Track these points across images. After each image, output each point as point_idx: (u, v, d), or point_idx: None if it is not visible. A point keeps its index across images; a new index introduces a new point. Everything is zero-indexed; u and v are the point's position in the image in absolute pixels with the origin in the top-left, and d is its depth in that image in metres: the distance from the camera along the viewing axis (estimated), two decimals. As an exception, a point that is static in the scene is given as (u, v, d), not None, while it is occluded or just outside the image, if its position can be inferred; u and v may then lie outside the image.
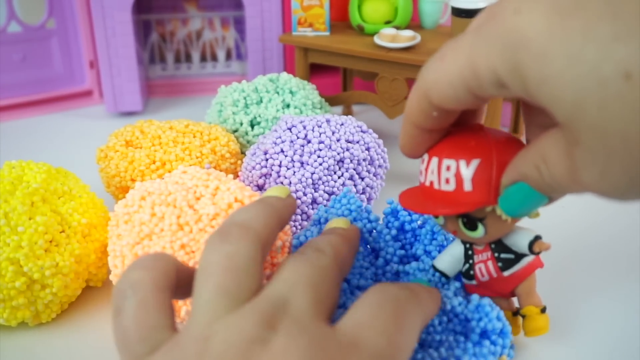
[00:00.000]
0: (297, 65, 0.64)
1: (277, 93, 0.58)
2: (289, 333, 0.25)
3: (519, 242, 0.34)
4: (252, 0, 0.72)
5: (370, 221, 0.40)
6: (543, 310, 0.36)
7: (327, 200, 0.48)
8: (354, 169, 0.49)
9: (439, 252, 0.39)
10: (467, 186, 0.31)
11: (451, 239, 0.40)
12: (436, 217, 0.35)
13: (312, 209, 0.48)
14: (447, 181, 0.32)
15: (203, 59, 0.82)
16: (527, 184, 0.28)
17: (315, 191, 0.47)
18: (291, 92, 0.58)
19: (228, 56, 0.82)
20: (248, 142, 0.56)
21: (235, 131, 0.57)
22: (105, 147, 0.51)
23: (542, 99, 0.24)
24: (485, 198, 0.31)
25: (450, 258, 0.37)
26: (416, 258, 0.40)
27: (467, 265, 0.36)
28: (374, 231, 0.40)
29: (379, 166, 0.51)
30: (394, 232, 0.41)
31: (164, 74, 0.82)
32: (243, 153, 0.56)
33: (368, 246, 0.40)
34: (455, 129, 0.33)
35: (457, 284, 0.37)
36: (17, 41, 0.73)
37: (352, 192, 0.48)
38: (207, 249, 0.28)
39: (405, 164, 0.62)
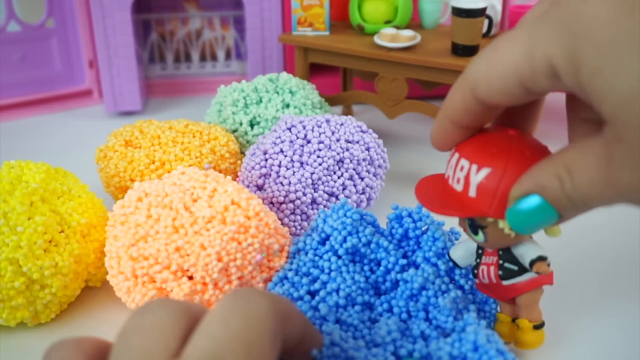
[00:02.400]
0: (297, 65, 0.64)
1: (277, 93, 0.58)
2: None
3: (525, 255, 0.33)
4: (251, 0, 0.72)
5: (366, 235, 0.40)
6: (539, 326, 0.36)
7: (327, 200, 0.48)
8: (354, 169, 0.49)
9: (439, 258, 0.39)
10: (472, 192, 0.31)
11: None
12: None
13: (312, 209, 0.47)
14: (458, 181, 0.32)
15: (203, 58, 0.82)
16: (542, 196, 0.27)
17: (314, 191, 0.47)
18: (291, 92, 0.58)
19: (228, 56, 0.82)
20: (247, 142, 0.56)
21: (235, 131, 0.57)
22: (105, 147, 0.51)
23: (593, 90, 0.23)
24: (486, 209, 0.30)
25: (463, 251, 0.37)
26: (417, 266, 0.40)
27: (474, 263, 0.36)
28: (371, 244, 0.40)
29: (379, 166, 0.51)
30: (395, 241, 0.41)
31: (163, 73, 0.82)
32: (243, 153, 0.56)
33: (364, 260, 0.40)
34: (493, 129, 0.32)
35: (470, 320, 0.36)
36: (16, 41, 0.73)
37: (350, 204, 0.48)
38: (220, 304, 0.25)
39: (405, 164, 0.62)
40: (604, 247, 0.48)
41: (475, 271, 0.36)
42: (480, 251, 0.36)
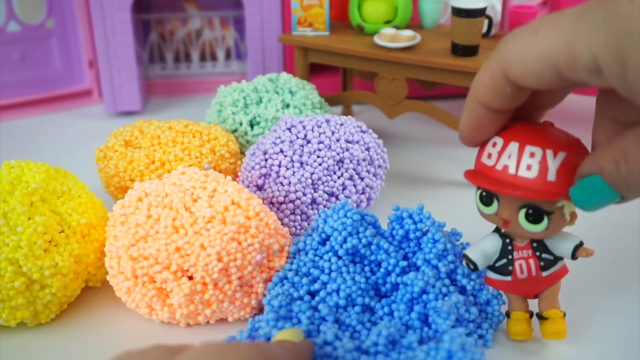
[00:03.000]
0: (296, 65, 0.64)
1: (277, 93, 0.58)
2: None
3: (563, 245, 0.35)
4: (251, 0, 0.72)
5: (366, 236, 0.40)
6: (564, 315, 0.37)
7: (327, 200, 0.48)
8: (354, 169, 0.49)
9: (440, 260, 0.39)
10: (551, 176, 0.31)
11: (456, 250, 0.40)
12: (487, 204, 0.35)
13: (312, 209, 0.48)
14: (529, 167, 0.32)
15: (202, 58, 0.82)
16: (602, 177, 0.29)
17: (314, 191, 0.47)
18: (291, 92, 0.58)
19: (227, 56, 0.82)
20: (247, 142, 0.56)
21: (235, 131, 0.57)
22: (105, 147, 0.51)
23: (638, 87, 0.24)
24: (567, 191, 0.31)
25: (482, 251, 0.37)
26: (417, 267, 0.40)
27: (504, 261, 0.36)
28: (372, 245, 0.40)
29: (379, 166, 0.51)
30: (395, 242, 0.41)
31: (163, 73, 0.82)
32: (242, 153, 0.56)
33: (364, 261, 0.40)
34: (527, 121, 0.33)
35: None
36: (16, 41, 0.73)
37: (350, 204, 0.48)
38: None
39: (405, 164, 0.62)
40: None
41: (510, 268, 0.36)
42: (510, 247, 0.36)
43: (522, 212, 0.34)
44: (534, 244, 0.35)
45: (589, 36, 0.25)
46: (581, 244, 0.35)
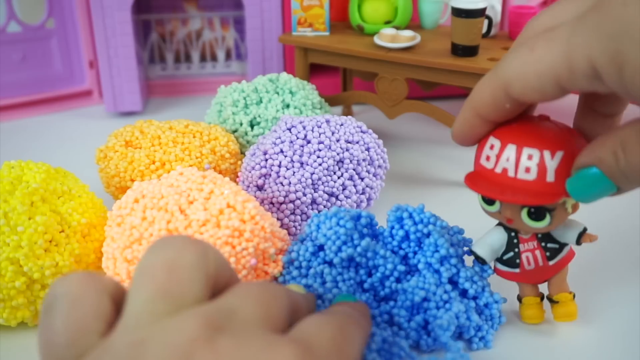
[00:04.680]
0: (296, 65, 0.64)
1: (277, 93, 0.58)
2: (236, 334, 0.24)
3: (568, 233, 0.36)
4: (252, 0, 0.72)
5: (361, 245, 0.39)
6: (573, 297, 0.38)
7: (327, 200, 0.48)
8: (354, 169, 0.49)
9: (442, 264, 0.39)
10: (550, 177, 0.32)
11: (458, 251, 0.40)
12: (489, 204, 0.36)
13: (312, 209, 0.48)
14: (528, 170, 0.32)
15: (203, 59, 0.82)
16: (600, 169, 0.29)
17: (314, 191, 0.47)
18: (291, 92, 0.58)
19: (228, 56, 0.82)
20: (248, 142, 0.56)
21: (235, 131, 0.57)
22: (105, 147, 0.51)
23: (636, 88, 0.24)
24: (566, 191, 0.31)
25: (489, 246, 0.37)
26: (417, 270, 0.40)
27: (511, 254, 0.37)
28: (368, 252, 0.40)
29: (379, 166, 0.51)
30: (395, 242, 0.41)
31: (163, 74, 0.82)
32: (243, 153, 0.56)
33: (360, 270, 0.40)
34: (522, 118, 0.34)
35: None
36: (16, 41, 0.73)
37: (349, 205, 0.48)
38: (148, 252, 0.26)
39: (405, 164, 0.62)
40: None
41: (517, 261, 0.37)
42: (515, 240, 0.37)
43: (525, 211, 0.34)
44: (539, 235, 0.36)
45: (584, 44, 0.25)
46: (585, 230, 0.35)
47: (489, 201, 0.36)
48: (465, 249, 0.41)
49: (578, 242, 0.36)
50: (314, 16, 0.62)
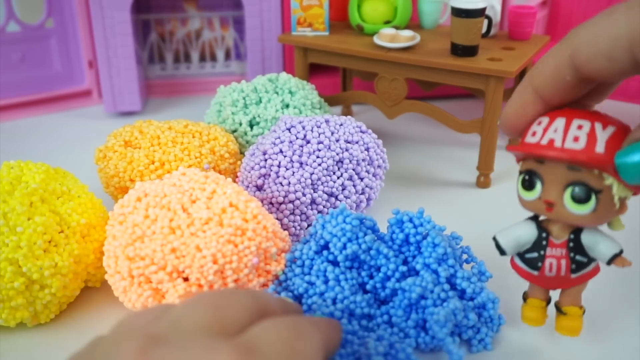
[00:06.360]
0: (296, 65, 0.64)
1: (277, 93, 0.58)
2: (174, 343, 0.25)
3: (602, 249, 0.33)
4: (251, 0, 0.72)
5: (366, 241, 0.39)
6: (583, 313, 0.35)
7: (327, 200, 0.48)
8: (353, 169, 0.49)
9: (440, 264, 0.39)
10: (600, 147, 0.30)
11: (456, 253, 0.39)
12: (529, 188, 0.33)
13: (311, 209, 0.48)
14: (576, 139, 0.30)
15: (202, 58, 0.82)
16: None
17: (314, 192, 0.47)
18: (290, 92, 0.58)
19: (227, 56, 0.82)
20: (247, 142, 0.56)
21: (235, 131, 0.57)
22: (104, 147, 0.51)
23: None
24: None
25: (515, 239, 0.34)
26: (417, 272, 0.40)
27: (535, 254, 0.34)
28: (371, 250, 0.40)
29: (378, 166, 0.51)
30: (395, 246, 0.41)
31: (163, 73, 0.82)
32: (242, 153, 0.56)
33: (364, 266, 0.40)
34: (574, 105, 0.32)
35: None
36: (16, 41, 0.73)
37: (349, 204, 0.48)
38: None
39: (405, 164, 0.62)
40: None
41: (539, 264, 0.34)
42: (544, 242, 0.34)
43: (568, 191, 0.31)
44: (571, 244, 0.33)
45: None
46: (621, 252, 0.33)
47: (529, 186, 0.33)
48: (464, 254, 0.41)
49: (609, 262, 0.33)
50: (313, 16, 0.62)
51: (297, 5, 0.62)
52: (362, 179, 0.49)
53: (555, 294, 0.36)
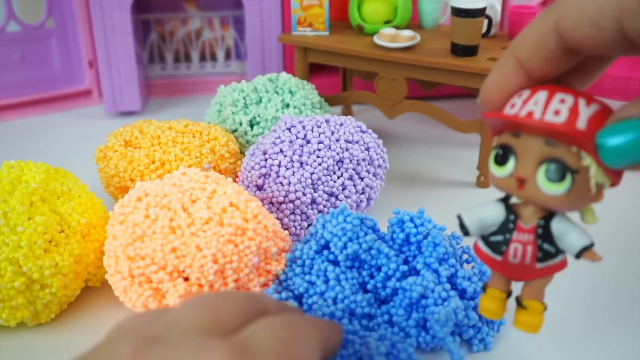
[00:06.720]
0: (296, 65, 0.64)
1: (277, 93, 0.58)
2: (169, 344, 0.26)
3: (572, 240, 0.31)
4: (251, 0, 0.72)
5: (366, 241, 0.39)
6: (544, 310, 0.33)
7: (327, 200, 0.48)
8: (354, 169, 0.49)
9: (440, 264, 0.39)
10: (582, 123, 0.28)
11: (456, 253, 0.39)
12: (502, 163, 0.30)
13: (312, 209, 0.48)
14: (557, 112, 0.28)
15: (202, 58, 0.82)
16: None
17: (314, 191, 0.47)
18: (290, 92, 0.58)
19: (227, 56, 0.82)
20: (247, 142, 0.56)
21: (235, 131, 0.57)
22: (104, 147, 0.51)
23: None
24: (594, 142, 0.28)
25: (480, 219, 0.32)
26: (417, 271, 0.40)
27: (499, 237, 0.32)
28: (372, 250, 0.40)
29: (379, 166, 0.51)
30: (396, 246, 0.41)
31: (163, 73, 0.82)
32: (242, 153, 0.56)
33: (364, 266, 0.40)
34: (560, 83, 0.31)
35: None
36: (16, 41, 0.73)
37: (349, 204, 0.48)
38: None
39: (405, 164, 0.62)
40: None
41: (503, 248, 0.31)
42: (511, 225, 0.32)
43: (543, 168, 0.29)
44: (539, 230, 0.31)
45: None
46: (592, 245, 0.31)
47: (502, 161, 0.30)
48: (465, 253, 0.41)
49: (578, 256, 0.31)
50: (313, 16, 0.62)
51: (297, 5, 0.62)
52: (362, 179, 0.49)
53: (517, 288, 0.34)
